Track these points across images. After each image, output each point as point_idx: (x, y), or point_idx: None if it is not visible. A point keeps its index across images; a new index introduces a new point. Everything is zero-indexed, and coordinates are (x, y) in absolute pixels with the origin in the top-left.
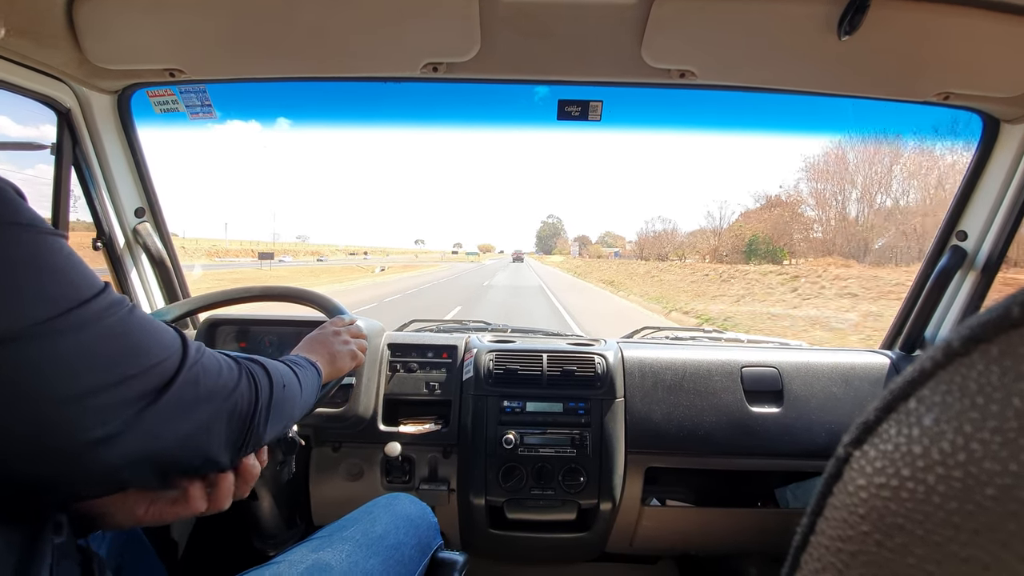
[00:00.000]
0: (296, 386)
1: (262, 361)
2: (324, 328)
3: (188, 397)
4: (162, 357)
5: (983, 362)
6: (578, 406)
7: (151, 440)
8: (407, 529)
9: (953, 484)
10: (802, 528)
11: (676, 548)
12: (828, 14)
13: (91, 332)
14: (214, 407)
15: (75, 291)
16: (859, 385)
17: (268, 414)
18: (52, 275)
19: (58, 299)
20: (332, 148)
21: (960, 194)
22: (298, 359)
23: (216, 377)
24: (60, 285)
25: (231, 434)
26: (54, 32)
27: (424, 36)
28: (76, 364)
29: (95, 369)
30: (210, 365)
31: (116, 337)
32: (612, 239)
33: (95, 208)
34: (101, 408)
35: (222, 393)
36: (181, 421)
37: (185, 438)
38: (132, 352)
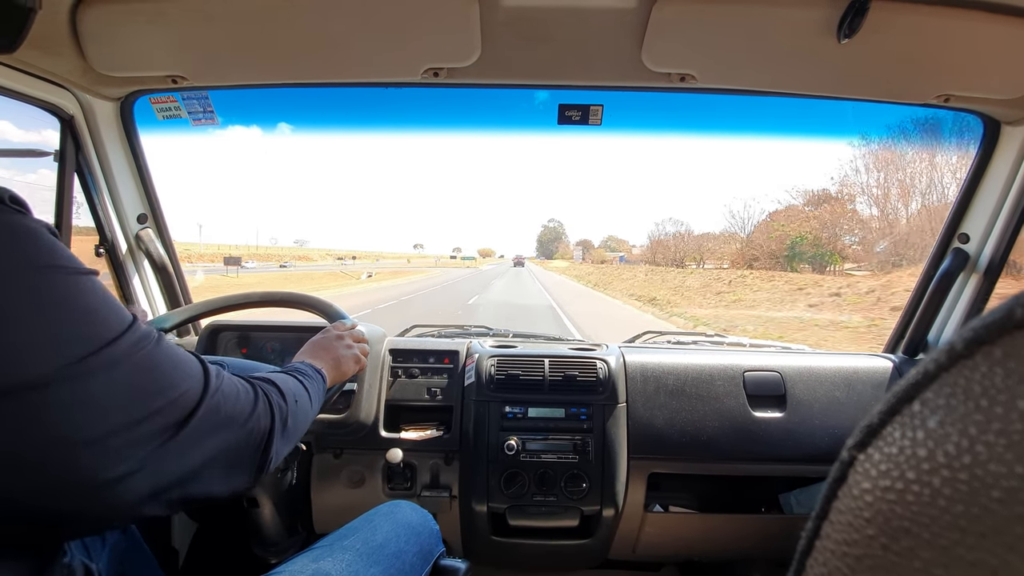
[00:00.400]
0: (307, 400)
1: (274, 380)
2: (327, 332)
3: (207, 426)
4: (185, 388)
5: (986, 364)
6: (580, 411)
7: (171, 472)
8: (408, 537)
9: (959, 487)
10: (807, 532)
11: (679, 555)
12: (828, 17)
13: (122, 369)
14: (232, 433)
15: (106, 329)
16: (862, 389)
17: (284, 433)
18: (85, 315)
19: (91, 338)
20: (333, 153)
21: (961, 197)
22: (303, 367)
23: (234, 403)
24: (93, 325)
25: (251, 457)
26: (58, 40)
27: (425, 41)
28: (106, 403)
29: (123, 407)
30: (229, 391)
31: (145, 371)
32: (615, 243)
33: (97, 214)
34: (123, 446)
35: (240, 419)
36: (200, 449)
37: (203, 467)
38: (159, 386)
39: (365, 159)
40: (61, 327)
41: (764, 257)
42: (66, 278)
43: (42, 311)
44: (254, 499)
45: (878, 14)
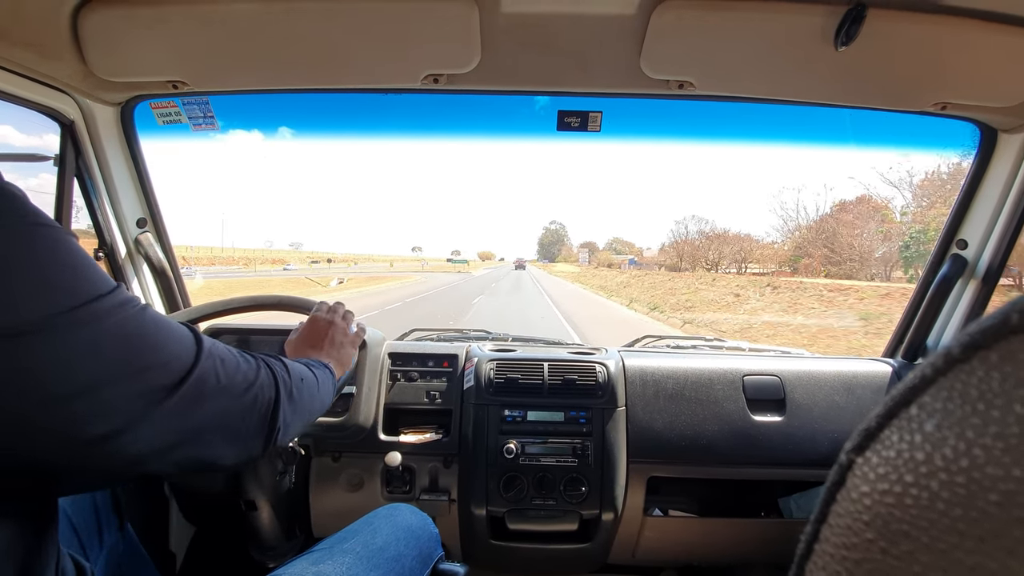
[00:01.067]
0: (313, 381)
1: (278, 356)
2: (316, 323)
3: (205, 390)
4: (175, 353)
5: (983, 368)
6: (579, 415)
7: (169, 433)
8: (408, 540)
9: (957, 490)
10: (806, 536)
11: (679, 559)
12: (825, 25)
13: (105, 325)
14: (233, 400)
15: (92, 286)
16: (861, 393)
17: (291, 406)
18: (73, 270)
19: (79, 291)
20: (332, 157)
21: (959, 203)
22: (312, 362)
23: (234, 371)
24: (80, 280)
25: (257, 425)
26: (59, 45)
27: (425, 48)
28: (91, 357)
29: (109, 362)
30: (227, 359)
31: (128, 332)
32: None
33: (97, 219)
34: (108, 402)
35: (241, 385)
36: (199, 414)
37: (203, 430)
38: (144, 347)
39: (364, 163)
40: (52, 277)
41: (846, 261)
42: (54, 233)
43: (35, 259)
44: (252, 502)
45: (875, 22)
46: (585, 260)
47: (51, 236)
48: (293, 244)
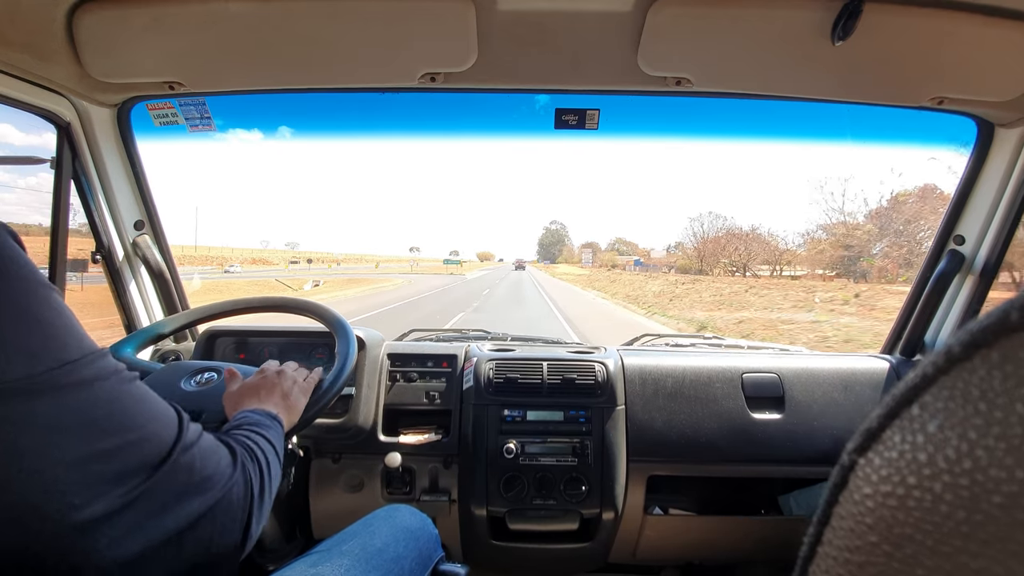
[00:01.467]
0: (276, 460)
1: (249, 443)
2: (263, 374)
3: (182, 482)
4: (152, 431)
5: (984, 367)
6: (579, 414)
7: (149, 529)
8: (407, 542)
9: (960, 492)
10: (809, 538)
11: (680, 557)
12: (822, 20)
13: (72, 396)
14: (212, 496)
15: (62, 350)
16: (860, 390)
17: (262, 502)
18: (40, 330)
19: (42, 356)
20: (330, 157)
21: (956, 198)
22: (258, 418)
23: (215, 464)
24: (46, 342)
25: (233, 527)
26: (54, 47)
27: (422, 46)
28: (54, 430)
29: (74, 437)
30: (207, 448)
31: (103, 404)
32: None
33: (94, 221)
34: (82, 481)
35: (219, 480)
36: (178, 507)
37: (185, 529)
38: (118, 422)
39: (363, 163)
40: (13, 338)
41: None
42: (25, 287)
43: (16, 315)
44: None
45: (872, 17)
46: (588, 261)
47: (21, 290)
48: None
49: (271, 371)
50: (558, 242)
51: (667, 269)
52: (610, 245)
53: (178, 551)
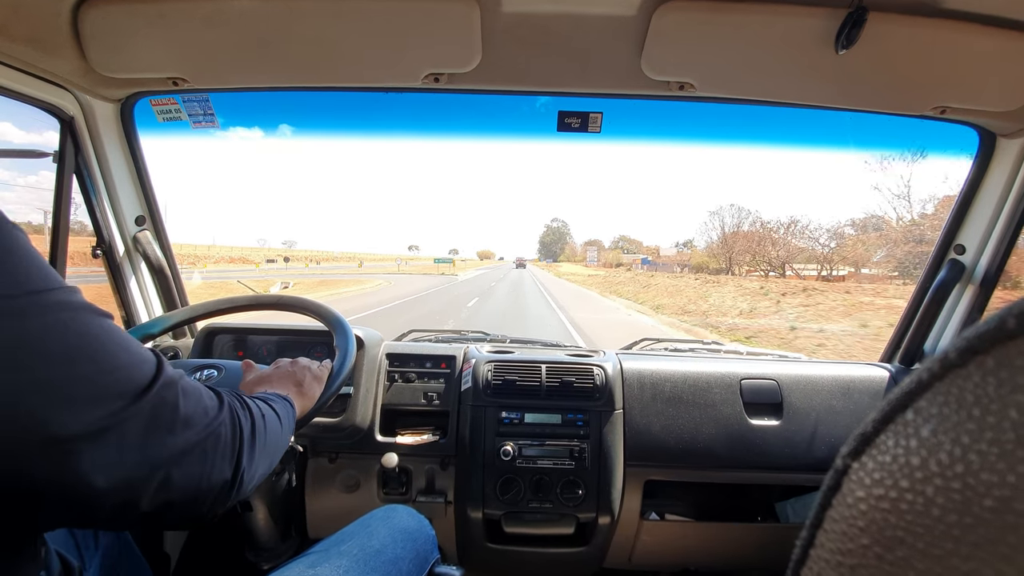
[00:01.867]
0: (275, 419)
1: (240, 394)
2: (278, 364)
3: (165, 415)
4: (127, 364)
5: (979, 374)
6: (576, 418)
7: (135, 457)
8: (404, 543)
9: (952, 496)
10: (801, 541)
11: (675, 563)
12: (826, 28)
13: (36, 322)
14: (196, 434)
15: (25, 279)
16: (858, 398)
17: (253, 447)
18: (16, 259)
19: (22, 281)
20: (330, 155)
21: (957, 208)
22: (269, 396)
23: (196, 403)
24: (6, 269)
25: (220, 469)
26: (59, 41)
27: (426, 47)
28: (13, 351)
29: (39, 361)
30: (190, 389)
31: (69, 334)
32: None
33: (96, 216)
34: (52, 404)
35: (202, 420)
36: (163, 442)
37: (171, 464)
38: (101, 350)
39: (362, 161)
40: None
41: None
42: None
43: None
44: (248, 503)
45: (876, 26)
46: (594, 259)
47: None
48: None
49: (285, 362)
50: (559, 240)
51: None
52: (614, 243)
53: (166, 481)
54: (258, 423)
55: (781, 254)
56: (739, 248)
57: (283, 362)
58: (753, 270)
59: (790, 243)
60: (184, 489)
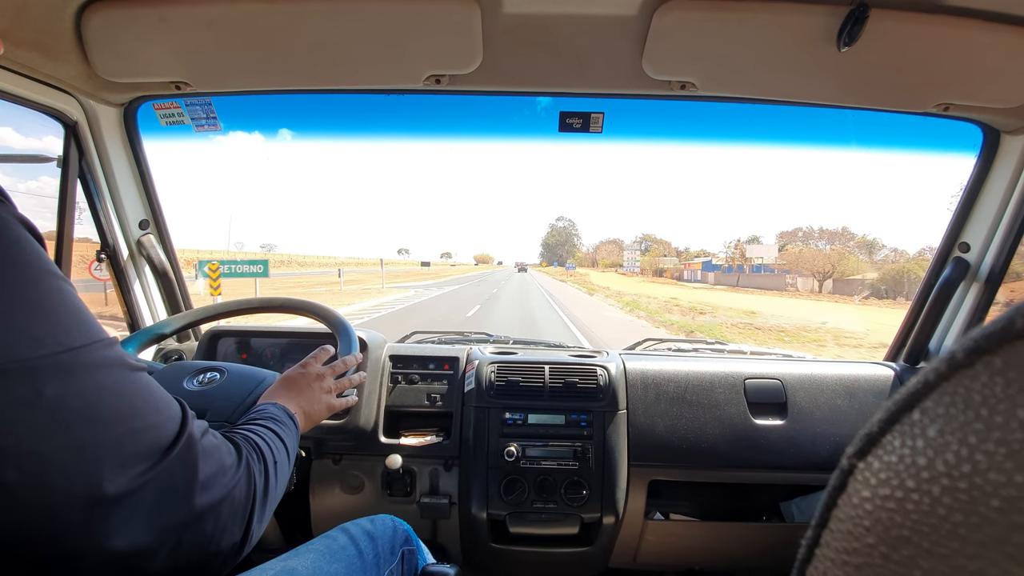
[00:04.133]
0: (285, 457)
1: (255, 439)
2: (308, 370)
3: (185, 477)
4: (153, 422)
5: (987, 374)
6: (580, 418)
7: (141, 520)
8: (366, 541)
9: (958, 496)
10: (807, 541)
11: (680, 563)
12: (827, 26)
13: (75, 382)
14: (212, 496)
15: (65, 335)
16: (863, 397)
17: (265, 503)
18: (42, 314)
19: (44, 340)
20: (322, 157)
21: (961, 206)
22: (278, 412)
23: (216, 461)
24: (48, 326)
25: (234, 526)
26: (62, 46)
27: (427, 48)
28: (50, 413)
29: (72, 423)
30: (210, 447)
31: (105, 392)
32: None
33: (100, 220)
34: (79, 468)
35: (221, 480)
36: (175, 504)
37: (176, 527)
38: (123, 411)
39: (355, 163)
40: (14, 321)
41: None
42: (26, 273)
43: (21, 301)
44: None
45: (878, 23)
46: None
47: (44, 280)
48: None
49: (312, 372)
50: (566, 241)
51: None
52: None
53: (177, 547)
54: (270, 471)
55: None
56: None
57: (311, 368)
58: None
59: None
60: (191, 553)
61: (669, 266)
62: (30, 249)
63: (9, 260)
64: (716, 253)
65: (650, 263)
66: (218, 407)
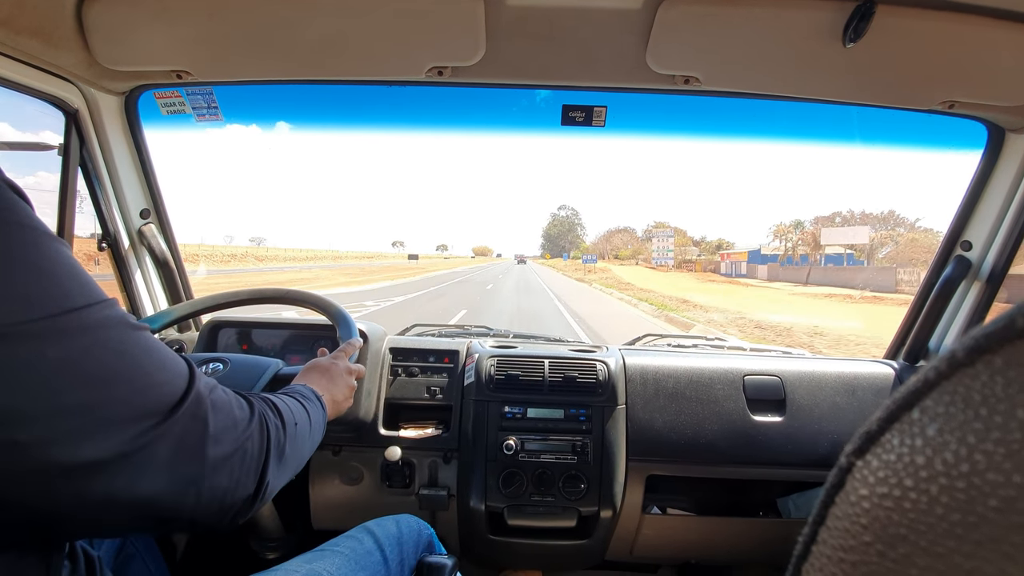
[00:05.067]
0: (307, 425)
1: (275, 401)
2: (336, 362)
3: (195, 432)
4: (160, 380)
5: (987, 373)
6: (579, 412)
7: (155, 474)
8: (392, 547)
9: (956, 495)
10: (803, 537)
11: (676, 557)
12: (833, 21)
13: (77, 343)
14: (224, 449)
15: (64, 297)
16: (863, 395)
17: (280, 461)
18: (39, 276)
19: (42, 302)
20: (318, 148)
21: (964, 204)
22: (306, 391)
23: (226, 416)
24: (47, 288)
25: (245, 481)
26: (64, 33)
27: (430, 40)
28: (54, 375)
29: (77, 384)
30: (220, 402)
31: (108, 353)
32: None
33: (101, 209)
34: (86, 427)
35: (232, 433)
36: (188, 458)
37: (191, 480)
38: (125, 371)
39: (351, 155)
40: (7, 283)
41: None
42: (22, 235)
43: (17, 262)
44: None
45: (883, 19)
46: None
47: (24, 238)
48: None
49: (341, 366)
50: (569, 231)
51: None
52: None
53: (197, 498)
54: (289, 430)
55: None
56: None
57: (339, 363)
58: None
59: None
60: (208, 505)
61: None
62: (21, 211)
63: (2, 221)
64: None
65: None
66: None
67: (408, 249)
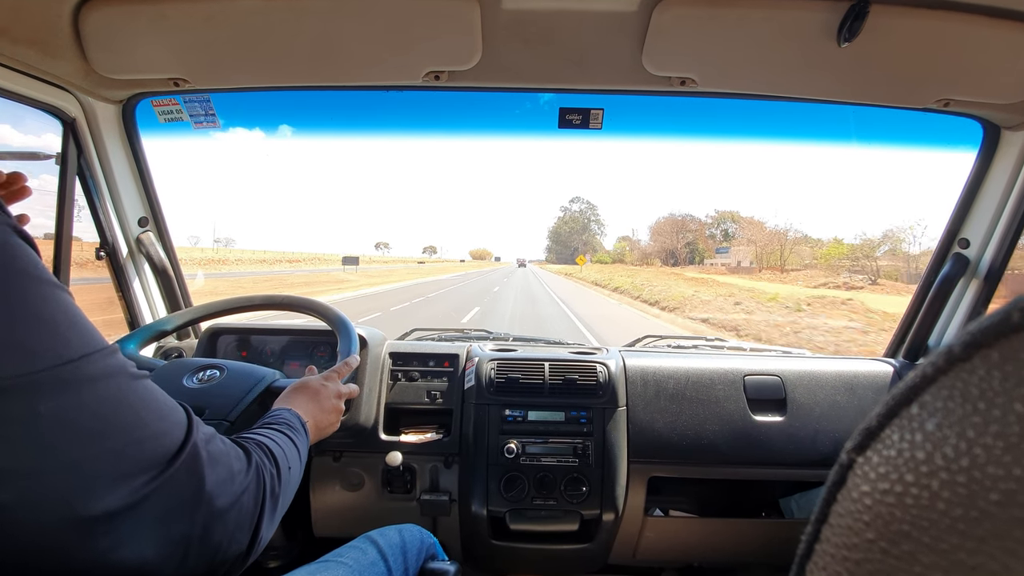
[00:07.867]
0: (298, 463)
1: (268, 444)
2: (327, 384)
3: (191, 486)
4: (157, 431)
5: (984, 367)
6: (580, 415)
7: (144, 534)
8: (396, 557)
9: (957, 489)
10: (806, 536)
11: (679, 559)
12: (827, 21)
13: (73, 396)
14: (219, 506)
15: (64, 347)
16: (863, 393)
17: (274, 510)
18: (39, 326)
19: (42, 353)
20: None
21: (961, 201)
22: (292, 419)
23: (224, 469)
24: (46, 339)
25: (239, 535)
26: (60, 42)
27: (426, 45)
28: (47, 431)
29: (70, 439)
30: (218, 453)
31: (108, 402)
32: (745, 225)
33: (99, 217)
34: (92, 480)
35: (229, 488)
36: (180, 515)
37: (181, 539)
38: (126, 420)
39: (344, 157)
40: (8, 335)
41: None
42: (24, 283)
43: (19, 313)
44: None
45: (878, 18)
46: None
47: (19, 287)
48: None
49: (331, 389)
50: (582, 230)
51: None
52: (714, 218)
53: (184, 558)
54: (283, 476)
55: None
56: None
57: (329, 387)
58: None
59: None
60: (195, 565)
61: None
62: (25, 257)
63: (3, 269)
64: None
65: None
66: (217, 404)
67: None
